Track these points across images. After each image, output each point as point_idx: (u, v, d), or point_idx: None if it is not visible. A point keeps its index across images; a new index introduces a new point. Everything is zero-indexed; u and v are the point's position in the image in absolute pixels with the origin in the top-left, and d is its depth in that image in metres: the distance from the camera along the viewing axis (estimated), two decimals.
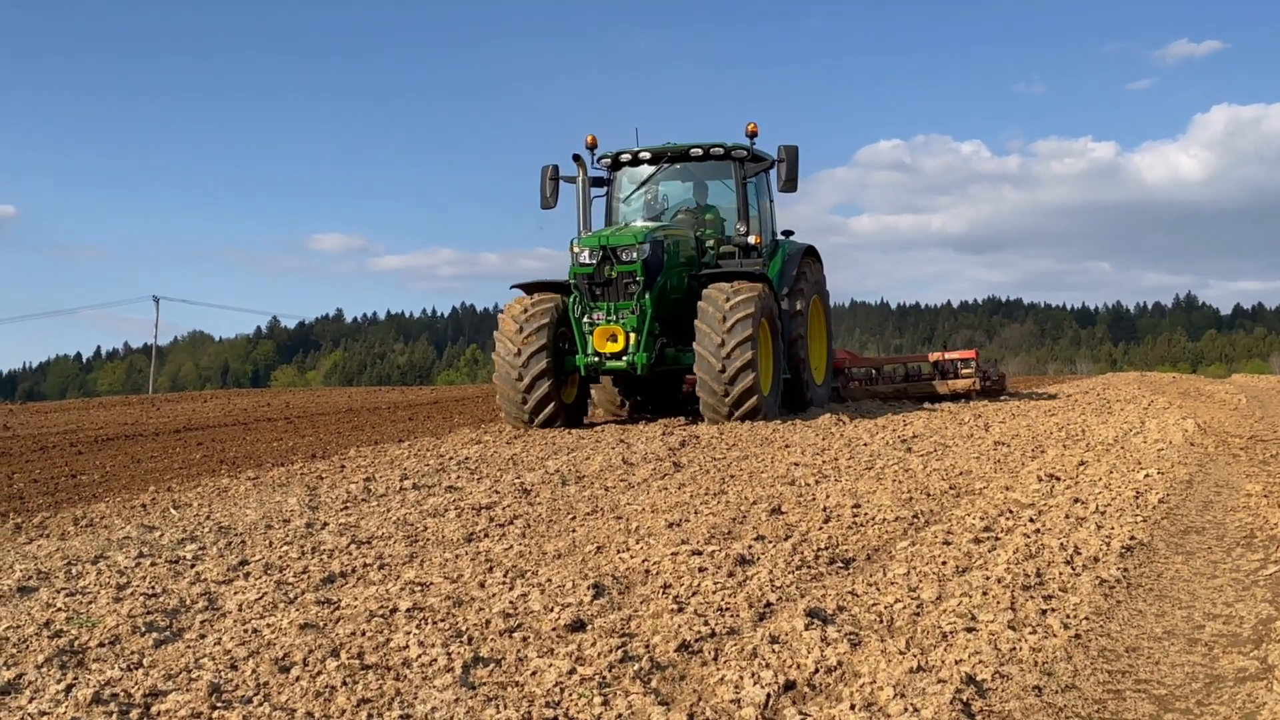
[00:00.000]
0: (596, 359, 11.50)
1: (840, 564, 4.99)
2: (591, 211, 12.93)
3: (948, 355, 16.64)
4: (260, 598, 4.45)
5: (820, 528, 5.75)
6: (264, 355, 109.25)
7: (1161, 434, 10.09)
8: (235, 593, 4.57)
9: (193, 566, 5.10)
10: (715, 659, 3.59)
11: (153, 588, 4.66)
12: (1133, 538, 5.38)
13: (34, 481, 8.77)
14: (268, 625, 4.03)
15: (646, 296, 11.37)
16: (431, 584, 4.62)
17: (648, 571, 4.78)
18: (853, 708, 3.09)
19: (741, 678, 3.34)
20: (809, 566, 4.86)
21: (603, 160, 13.46)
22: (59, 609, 4.30)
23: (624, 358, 11.38)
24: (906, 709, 3.05)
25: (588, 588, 4.39)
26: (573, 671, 3.40)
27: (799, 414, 12.89)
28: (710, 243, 13.16)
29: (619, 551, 5.20)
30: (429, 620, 4.05)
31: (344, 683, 3.34)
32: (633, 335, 11.37)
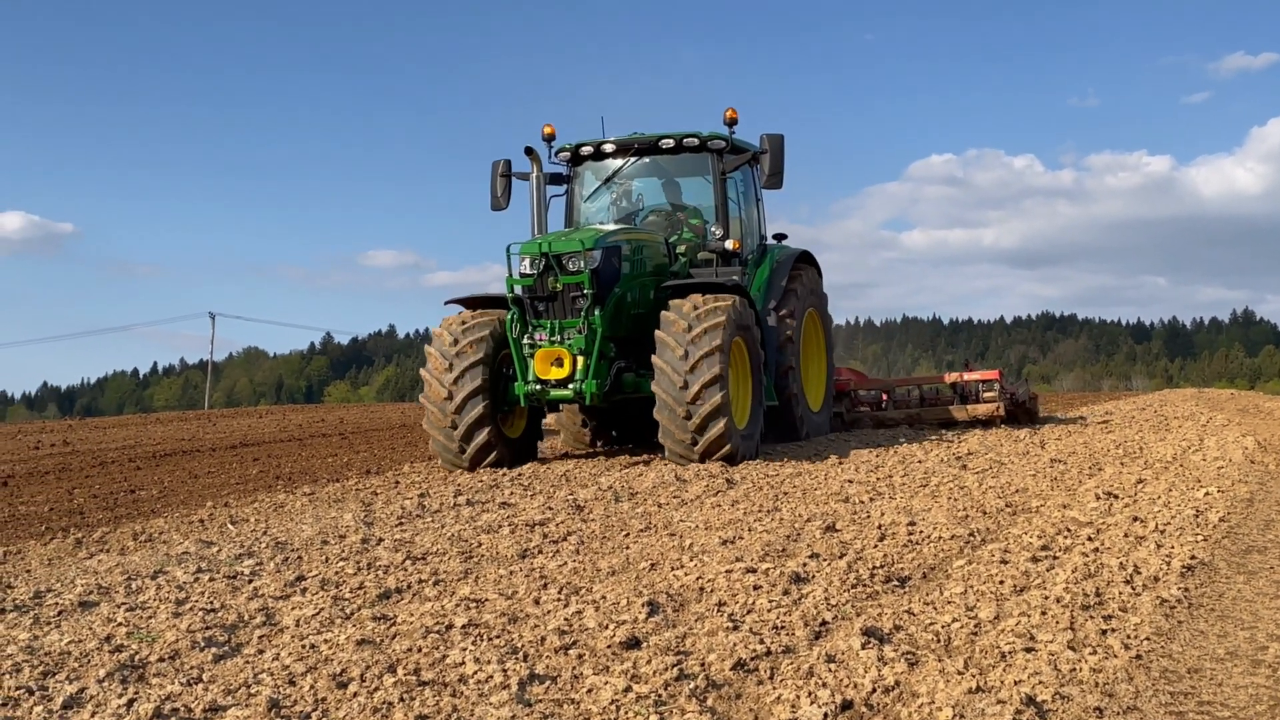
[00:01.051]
0: (539, 387, 9.60)
1: (896, 582, 4.94)
2: (548, 214, 11.37)
3: (968, 376, 14.64)
4: (317, 613, 4.49)
5: (875, 546, 5.70)
6: (318, 371, 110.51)
7: (1221, 451, 9.91)
8: (292, 608, 4.62)
9: (250, 582, 5.17)
10: (771, 678, 3.57)
11: (211, 603, 4.73)
12: (1193, 557, 5.28)
13: (94, 497, 8.95)
14: (325, 641, 4.08)
15: (598, 313, 9.50)
16: (486, 600, 4.64)
17: (702, 589, 4.77)
18: None
19: (798, 697, 3.32)
20: (864, 585, 4.83)
21: (561, 154, 11.68)
22: (119, 624, 4.37)
23: (570, 385, 9.50)
24: None
25: (642, 605, 4.38)
26: (628, 689, 3.40)
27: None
28: (683, 248, 11.34)
29: (673, 569, 5.20)
30: (484, 637, 4.07)
31: (401, 699, 3.36)
32: (580, 359, 9.51)
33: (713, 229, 11.25)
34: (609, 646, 3.89)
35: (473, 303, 10.53)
